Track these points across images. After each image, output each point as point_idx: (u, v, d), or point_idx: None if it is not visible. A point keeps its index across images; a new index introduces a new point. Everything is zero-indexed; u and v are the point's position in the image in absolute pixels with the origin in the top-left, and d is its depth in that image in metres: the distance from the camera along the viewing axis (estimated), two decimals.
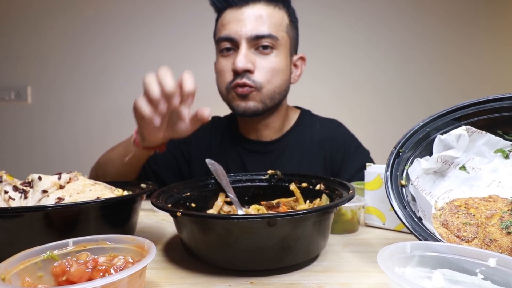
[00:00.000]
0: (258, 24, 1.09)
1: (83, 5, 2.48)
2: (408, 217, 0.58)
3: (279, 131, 1.26)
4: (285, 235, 0.55)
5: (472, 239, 0.56)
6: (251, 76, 1.08)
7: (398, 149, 0.68)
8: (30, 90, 2.54)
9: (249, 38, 1.08)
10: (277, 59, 1.12)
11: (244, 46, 1.08)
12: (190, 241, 0.61)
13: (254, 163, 1.23)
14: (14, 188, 0.65)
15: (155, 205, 0.61)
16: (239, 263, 0.58)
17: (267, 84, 1.11)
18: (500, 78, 2.60)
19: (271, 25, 1.10)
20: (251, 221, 0.53)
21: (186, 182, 0.80)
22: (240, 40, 1.08)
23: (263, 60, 1.10)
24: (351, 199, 0.63)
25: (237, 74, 1.09)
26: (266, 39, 1.09)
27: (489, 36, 2.58)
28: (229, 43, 1.11)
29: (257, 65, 1.09)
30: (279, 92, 1.15)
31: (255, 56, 1.10)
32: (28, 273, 0.45)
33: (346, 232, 0.80)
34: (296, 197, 0.80)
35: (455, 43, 2.56)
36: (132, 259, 0.49)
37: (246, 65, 1.07)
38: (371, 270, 0.59)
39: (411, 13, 2.53)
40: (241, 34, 1.08)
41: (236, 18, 1.10)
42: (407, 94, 2.53)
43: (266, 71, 1.10)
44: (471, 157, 0.69)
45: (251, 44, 1.09)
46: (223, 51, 1.13)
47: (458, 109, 0.69)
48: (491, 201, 0.63)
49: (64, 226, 0.59)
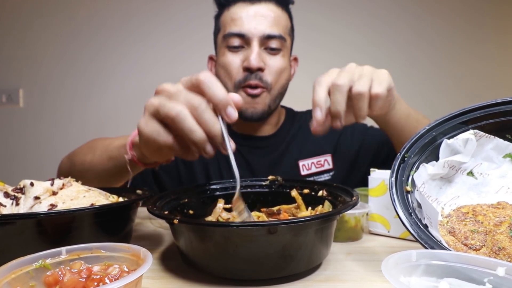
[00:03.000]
0: (270, 24, 1.10)
1: (77, 6, 2.47)
2: (414, 225, 0.57)
3: (275, 126, 1.30)
4: (286, 243, 0.54)
5: (480, 247, 0.55)
6: (262, 76, 1.10)
7: (404, 154, 0.67)
8: (22, 93, 2.53)
9: (261, 37, 1.09)
10: (283, 60, 1.15)
11: (256, 44, 1.09)
12: (188, 250, 0.60)
13: (256, 158, 1.24)
14: (5, 195, 0.64)
15: (152, 212, 0.60)
16: (238, 272, 0.56)
17: (275, 84, 1.14)
18: (508, 80, 2.59)
19: (281, 26, 1.13)
20: (250, 229, 0.52)
21: (184, 188, 0.79)
22: (252, 38, 1.09)
23: (272, 60, 1.12)
24: (355, 205, 0.61)
25: (249, 72, 1.09)
26: (276, 40, 1.11)
27: (497, 37, 2.56)
28: (238, 39, 1.11)
29: (266, 64, 1.11)
30: (283, 93, 1.19)
31: (265, 55, 1.12)
32: (19, 282, 0.44)
33: (350, 240, 0.78)
34: (298, 203, 0.78)
35: (461, 44, 2.55)
36: (128, 268, 0.48)
37: (259, 64, 1.08)
38: (375, 279, 0.58)
39: (416, 14, 2.52)
40: (254, 32, 1.09)
41: (248, 14, 1.10)
42: (412, 97, 2.50)
43: (275, 71, 1.12)
44: (479, 162, 0.68)
45: (261, 43, 1.10)
46: (231, 47, 1.12)
47: (465, 113, 0.68)
48: (499, 208, 0.62)
49: (57, 234, 0.58)
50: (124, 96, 2.51)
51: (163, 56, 2.49)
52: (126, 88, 2.49)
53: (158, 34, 2.50)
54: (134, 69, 2.50)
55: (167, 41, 2.50)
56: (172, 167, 1.24)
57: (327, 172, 1.22)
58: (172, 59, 2.50)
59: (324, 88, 0.72)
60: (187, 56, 2.47)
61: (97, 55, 2.51)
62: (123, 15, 2.48)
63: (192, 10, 2.43)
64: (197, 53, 1.78)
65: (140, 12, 2.48)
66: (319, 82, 0.73)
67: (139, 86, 2.49)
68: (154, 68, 2.50)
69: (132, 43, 2.50)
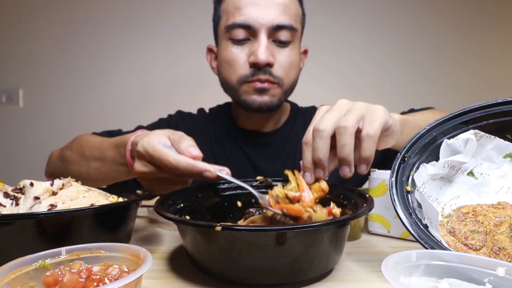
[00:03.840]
0: (279, 13, 1.00)
1: (77, 6, 2.47)
2: (414, 225, 0.56)
3: (278, 122, 1.24)
4: (297, 255, 0.52)
5: (480, 247, 0.55)
6: (272, 71, 1.02)
7: (404, 154, 0.66)
8: (21, 93, 2.53)
9: (270, 28, 1.00)
10: (293, 53, 1.06)
11: (264, 36, 1.00)
12: (194, 250, 0.59)
13: (259, 155, 1.21)
14: (5, 195, 0.64)
15: (162, 214, 0.59)
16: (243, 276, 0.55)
17: (286, 79, 1.06)
18: (509, 80, 2.59)
19: (292, 15, 1.03)
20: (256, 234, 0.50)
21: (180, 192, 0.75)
22: (259, 29, 0.99)
23: (281, 54, 1.03)
24: (372, 203, 0.60)
25: (256, 68, 1.01)
26: (286, 30, 1.01)
27: (497, 38, 2.57)
28: (244, 31, 1.01)
29: (275, 58, 1.02)
30: (293, 87, 1.12)
31: (274, 48, 1.03)
32: (19, 282, 0.44)
33: (348, 240, 0.78)
34: (298, 184, 0.69)
35: (461, 45, 2.55)
36: (128, 268, 0.48)
37: (268, 58, 0.99)
38: (375, 279, 0.58)
39: (416, 15, 2.53)
40: (262, 23, 0.99)
41: (254, 1, 0.99)
42: (413, 97, 2.52)
43: (285, 65, 1.04)
44: (479, 163, 0.68)
45: (270, 34, 1.01)
46: (235, 40, 1.03)
47: (466, 113, 0.68)
48: (500, 208, 0.62)
49: (56, 234, 0.58)
50: (124, 96, 2.50)
51: (163, 56, 2.49)
52: (126, 87, 2.48)
53: (158, 34, 2.50)
54: (134, 69, 2.50)
55: (167, 41, 2.50)
56: None
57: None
58: (172, 59, 2.50)
59: (311, 148, 0.65)
60: (187, 55, 2.47)
61: (97, 55, 2.51)
62: (123, 15, 2.48)
63: (192, 10, 2.43)
64: (197, 52, 1.78)
65: (140, 12, 2.48)
66: (305, 142, 0.66)
67: (139, 86, 2.49)
68: (154, 68, 2.50)
69: (132, 43, 2.50)
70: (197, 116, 1.31)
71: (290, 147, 1.22)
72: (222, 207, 0.79)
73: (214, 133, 1.25)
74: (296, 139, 1.22)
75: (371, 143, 0.61)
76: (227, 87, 1.11)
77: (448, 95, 2.53)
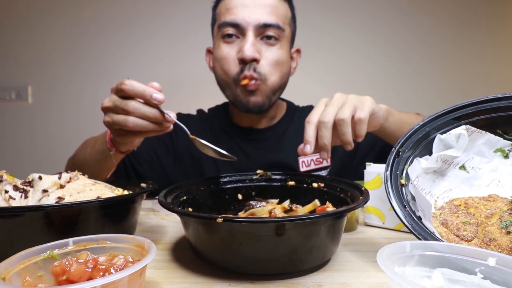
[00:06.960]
0: (266, 13, 1.06)
1: (84, 7, 2.47)
2: (408, 217, 0.58)
3: (272, 119, 1.28)
4: (295, 246, 0.55)
5: (472, 238, 0.56)
6: (256, 67, 1.06)
7: (398, 149, 0.68)
8: (30, 90, 2.53)
9: (256, 26, 1.05)
10: (281, 52, 1.10)
11: (251, 34, 1.05)
12: (196, 241, 0.61)
13: (254, 151, 1.23)
14: (14, 188, 0.65)
15: (166, 207, 0.60)
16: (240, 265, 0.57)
17: (271, 76, 1.09)
18: (500, 77, 2.60)
19: (279, 15, 1.08)
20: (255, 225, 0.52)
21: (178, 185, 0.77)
22: (247, 27, 1.05)
23: (268, 51, 1.08)
24: (368, 196, 0.63)
25: (244, 64, 1.05)
26: (273, 29, 1.06)
27: (489, 37, 2.57)
28: (233, 29, 1.07)
29: (262, 55, 1.07)
30: (281, 85, 1.15)
31: (261, 46, 1.07)
32: (28, 272, 0.45)
33: (345, 231, 0.79)
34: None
35: (454, 44, 2.56)
36: (132, 259, 0.49)
37: (254, 54, 1.04)
38: (370, 269, 0.59)
39: (411, 14, 2.53)
40: (249, 21, 1.04)
41: (242, 3, 1.06)
42: (407, 94, 2.53)
43: (270, 63, 1.08)
44: (470, 157, 0.69)
45: (257, 32, 1.06)
46: (225, 36, 1.09)
47: (458, 109, 0.69)
48: (490, 200, 0.63)
49: (64, 226, 0.59)
50: None
51: (167, 54, 2.49)
52: None
53: (162, 33, 2.49)
54: (138, 67, 2.50)
55: (170, 40, 2.49)
56: (153, 164, 1.24)
57: (324, 169, 1.20)
58: (176, 57, 2.49)
59: (313, 127, 0.76)
60: (190, 54, 2.47)
61: (103, 54, 2.50)
62: (127, 15, 2.48)
63: (194, 10, 2.42)
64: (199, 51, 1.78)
65: (144, 12, 2.48)
66: (309, 122, 0.77)
67: (144, 83, 2.47)
68: (158, 66, 2.50)
69: (137, 41, 2.50)
70: (195, 117, 1.35)
71: (286, 142, 1.24)
72: (223, 199, 0.82)
73: (210, 132, 1.28)
74: (294, 135, 1.25)
75: (363, 125, 0.76)
76: (222, 86, 1.16)
77: (441, 92, 2.55)
